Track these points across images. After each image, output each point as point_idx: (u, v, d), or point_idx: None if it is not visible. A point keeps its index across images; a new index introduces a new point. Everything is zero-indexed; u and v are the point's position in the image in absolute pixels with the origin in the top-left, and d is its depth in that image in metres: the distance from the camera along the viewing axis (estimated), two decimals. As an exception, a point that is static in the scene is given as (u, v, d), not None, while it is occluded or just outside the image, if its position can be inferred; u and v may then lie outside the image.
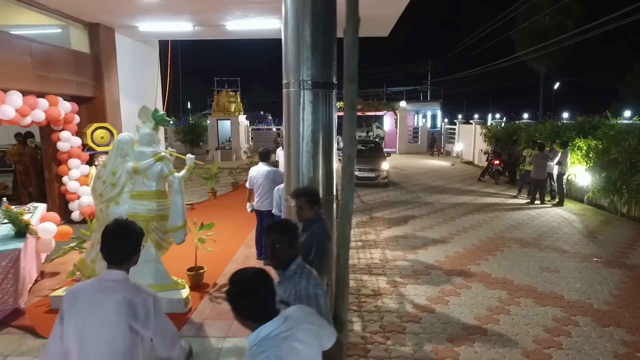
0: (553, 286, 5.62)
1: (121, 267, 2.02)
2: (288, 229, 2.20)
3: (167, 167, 4.38)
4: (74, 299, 1.96)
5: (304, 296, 2.08)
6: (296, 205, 3.05)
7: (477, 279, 5.87)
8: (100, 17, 8.37)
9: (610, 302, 5.15)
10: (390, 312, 4.85)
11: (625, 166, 8.98)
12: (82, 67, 8.29)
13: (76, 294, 1.98)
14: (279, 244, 2.14)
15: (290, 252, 2.17)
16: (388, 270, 6.18)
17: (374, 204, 10.98)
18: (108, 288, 1.96)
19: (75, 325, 1.93)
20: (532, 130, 13.51)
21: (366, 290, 5.50)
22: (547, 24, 29.83)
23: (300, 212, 3.02)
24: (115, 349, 1.91)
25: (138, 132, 4.38)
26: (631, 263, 6.55)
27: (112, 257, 2.02)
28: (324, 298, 2.12)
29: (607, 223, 9.08)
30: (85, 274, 4.45)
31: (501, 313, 4.83)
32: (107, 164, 4.37)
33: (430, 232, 8.27)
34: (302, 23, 3.53)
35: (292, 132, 3.67)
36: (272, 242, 2.16)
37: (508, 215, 9.65)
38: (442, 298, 5.22)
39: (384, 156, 14.35)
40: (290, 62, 3.59)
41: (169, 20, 8.69)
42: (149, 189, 4.34)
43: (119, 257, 2.03)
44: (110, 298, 1.93)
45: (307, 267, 2.21)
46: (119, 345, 1.91)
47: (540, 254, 6.96)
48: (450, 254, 6.91)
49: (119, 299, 1.93)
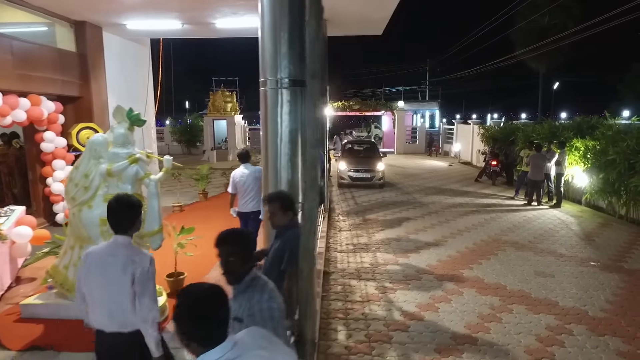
0: (547, 292, 5.43)
1: (126, 233, 2.50)
2: (242, 240, 2.01)
3: (142, 169, 4.19)
4: (90, 260, 2.48)
5: (257, 311, 1.89)
6: (269, 211, 2.86)
7: (470, 284, 5.68)
8: (86, 14, 8.18)
9: (606, 309, 4.96)
10: (378, 320, 4.66)
11: (623, 167, 8.79)
12: (67, 66, 8.10)
13: (91, 255, 2.50)
14: (232, 257, 1.96)
15: (246, 265, 1.98)
16: (378, 275, 6.00)
17: (368, 206, 10.79)
18: (116, 250, 2.47)
19: (90, 279, 2.45)
20: (529, 131, 13.32)
21: (354, 296, 5.31)
22: (546, 24, 29.65)
23: (272, 219, 2.83)
24: (120, 299, 2.40)
25: (112, 133, 4.18)
26: (629, 267, 6.36)
27: (117, 226, 2.49)
28: (279, 312, 1.93)
29: (605, 225, 8.89)
30: (57, 281, 4.27)
31: (493, 321, 4.64)
32: (79, 166, 4.19)
33: (424, 234, 8.09)
34: (279, 18, 3.35)
35: (269, 133, 3.47)
36: (225, 255, 1.96)
37: (504, 217, 9.46)
38: (432, 305, 5.03)
39: (380, 156, 14.15)
40: (267, 60, 3.39)
41: (157, 18, 8.50)
42: (123, 192, 4.14)
43: (123, 226, 2.49)
44: (117, 258, 2.43)
45: (262, 280, 2.02)
46: (123, 296, 2.39)
47: (535, 257, 6.77)
48: (443, 258, 6.73)
49: (124, 259, 2.43)
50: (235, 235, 2.01)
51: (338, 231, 8.39)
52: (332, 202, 11.07)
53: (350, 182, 13.23)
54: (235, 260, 1.95)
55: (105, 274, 2.41)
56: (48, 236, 5.27)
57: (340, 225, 8.88)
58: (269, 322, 1.84)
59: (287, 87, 3.41)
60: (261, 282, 2.00)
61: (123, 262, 2.41)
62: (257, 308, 1.89)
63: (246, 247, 1.99)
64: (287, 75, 3.40)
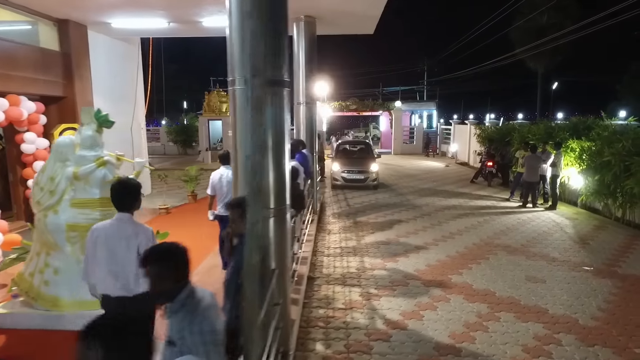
0: (538, 299, 5.24)
1: (128, 211, 2.89)
2: (171, 257, 1.82)
3: (111, 172, 4.01)
4: (97, 234, 2.82)
5: (188, 335, 1.71)
6: (230, 218, 2.68)
7: (458, 290, 5.50)
8: (70, 13, 8.01)
9: (597, 317, 4.78)
10: (359, 329, 4.48)
11: (618, 169, 8.61)
12: (50, 66, 7.93)
13: (96, 231, 2.84)
14: (161, 276, 1.77)
15: (177, 283, 1.80)
16: (364, 281, 5.82)
17: (360, 208, 10.61)
18: (120, 225, 2.83)
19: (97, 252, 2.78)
20: (525, 131, 13.14)
21: (337, 303, 5.13)
22: (544, 23, 29.48)
23: (232, 225, 2.65)
24: (124, 263, 2.74)
25: (80, 135, 4.00)
26: (623, 272, 6.17)
27: (120, 205, 2.88)
28: (212, 336, 1.75)
29: (601, 228, 8.71)
30: (23, 289, 4.09)
31: (478, 330, 4.46)
32: (45, 169, 4.01)
33: (414, 238, 7.90)
34: (246, 14, 3.17)
35: (239, 135, 3.30)
36: (153, 274, 1.78)
37: (498, 220, 9.28)
38: (416, 312, 4.85)
39: (374, 157, 13.98)
40: (235, 58, 3.22)
41: (142, 17, 8.33)
42: (91, 197, 3.98)
43: (125, 205, 2.88)
44: (122, 233, 2.79)
45: (197, 297, 1.83)
46: (127, 262, 2.72)
47: (527, 262, 6.59)
48: (433, 263, 6.55)
49: (129, 233, 2.80)
50: (162, 252, 1.83)
51: (327, 234, 8.21)
52: (323, 204, 10.89)
53: (343, 183, 13.05)
54: (163, 279, 1.77)
55: (110, 246, 2.77)
56: (18, 241, 5.09)
57: (330, 228, 8.70)
58: (200, 347, 1.66)
59: (256, 86, 3.24)
60: (196, 300, 1.82)
61: (127, 235, 2.79)
62: (188, 331, 1.71)
63: (176, 264, 1.81)
64: (256, 74, 3.23)
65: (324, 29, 8.71)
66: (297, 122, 8.69)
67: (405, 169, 18.87)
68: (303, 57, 8.27)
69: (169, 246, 1.87)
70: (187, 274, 1.85)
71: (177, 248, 1.86)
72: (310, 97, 8.55)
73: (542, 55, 30.18)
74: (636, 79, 30.25)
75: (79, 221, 3.93)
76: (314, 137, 8.81)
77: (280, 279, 3.50)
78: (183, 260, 1.84)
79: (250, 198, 3.31)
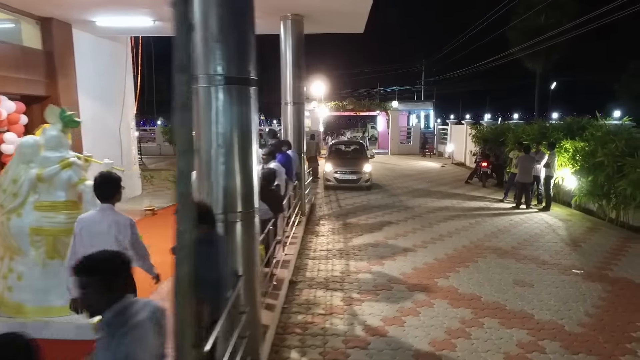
0: (524, 304, 5.10)
1: (110, 201, 3.15)
2: (101, 265, 1.68)
3: (77, 174, 3.87)
4: (82, 225, 3.11)
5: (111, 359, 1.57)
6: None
7: (442, 294, 5.35)
8: (53, 11, 7.85)
9: (584, 323, 4.63)
10: (337, 336, 4.33)
11: (611, 170, 8.46)
12: (32, 65, 7.77)
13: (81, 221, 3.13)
14: (89, 288, 1.64)
15: (109, 294, 1.66)
16: (347, 285, 5.67)
17: (351, 209, 10.46)
18: (102, 215, 3.11)
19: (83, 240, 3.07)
20: (519, 131, 12.99)
21: (317, 308, 4.99)
22: (542, 23, 29.33)
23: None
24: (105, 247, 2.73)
25: (44, 135, 3.86)
26: (613, 276, 6.03)
27: (102, 196, 3.15)
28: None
29: (594, 230, 8.56)
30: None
31: (460, 337, 4.32)
32: (8, 171, 3.87)
33: (403, 240, 7.76)
34: (209, 8, 3.03)
35: (202, 135, 3.16)
36: (80, 286, 1.65)
37: (490, 221, 9.13)
38: (398, 318, 4.70)
39: (367, 158, 13.83)
40: (199, 54, 3.08)
41: (127, 15, 8.18)
42: (56, 200, 3.83)
43: (107, 196, 3.14)
44: (103, 221, 3.08)
45: (132, 311, 1.69)
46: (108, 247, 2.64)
47: (516, 265, 6.44)
48: (419, 266, 6.40)
49: (110, 220, 3.09)
50: (93, 261, 1.68)
51: (315, 236, 8.06)
52: (314, 206, 10.74)
53: (336, 184, 12.90)
54: (92, 290, 1.63)
55: (93, 233, 3.05)
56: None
57: (318, 229, 8.56)
58: None
59: (221, 84, 3.10)
60: (129, 313, 1.67)
61: (108, 223, 3.07)
62: (111, 356, 1.57)
63: (107, 273, 1.67)
64: (221, 71, 3.09)
65: (312, 27, 8.56)
66: (285, 122, 8.54)
67: (400, 169, 18.72)
68: (290, 56, 8.13)
69: (100, 255, 1.73)
70: (118, 285, 1.71)
71: (110, 256, 1.73)
72: (298, 97, 8.40)
73: (539, 55, 30.04)
74: (635, 77, 30.08)
75: (43, 225, 3.79)
76: (302, 137, 8.66)
77: (249, 285, 3.36)
78: (114, 268, 1.70)
79: (215, 202, 3.18)
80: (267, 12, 7.63)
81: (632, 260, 6.71)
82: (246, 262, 3.30)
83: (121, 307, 1.67)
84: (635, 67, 30.00)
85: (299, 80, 8.34)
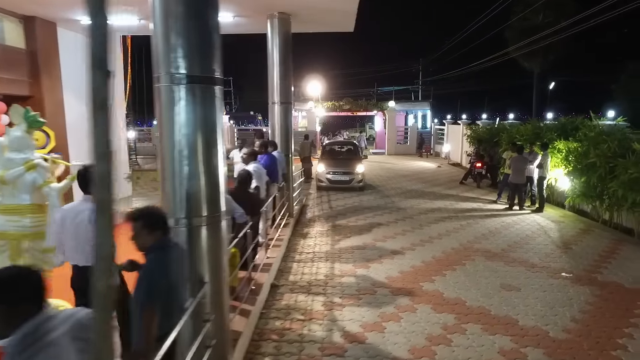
0: (509, 309, 4.97)
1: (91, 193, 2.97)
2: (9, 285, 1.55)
3: (42, 176, 3.74)
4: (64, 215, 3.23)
5: None
6: (132, 230, 2.41)
7: (426, 299, 5.22)
8: (36, 9, 7.72)
9: (569, 329, 4.50)
10: (314, 343, 4.21)
11: (604, 170, 8.33)
12: (14, 64, 7.64)
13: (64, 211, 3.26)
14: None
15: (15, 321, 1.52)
16: (330, 289, 5.54)
17: (342, 210, 10.33)
18: (84, 205, 3.21)
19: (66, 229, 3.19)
20: (513, 131, 12.86)
21: (296, 313, 4.86)
22: (540, 23, 29.21)
23: (135, 239, 2.38)
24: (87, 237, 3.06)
25: (8, 136, 3.73)
26: (602, 279, 5.90)
27: (85, 188, 3.26)
28: None
29: (586, 232, 8.43)
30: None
31: (441, 344, 4.19)
32: (-30, 173, 3.74)
33: (392, 242, 7.63)
34: (170, 4, 2.91)
35: (165, 136, 3.04)
36: None
37: (481, 223, 9.01)
38: (378, 324, 4.58)
39: (360, 158, 13.71)
40: (160, 52, 2.96)
41: (112, 14, 8.03)
42: (20, 203, 3.71)
43: (89, 187, 3.15)
44: (84, 210, 3.16)
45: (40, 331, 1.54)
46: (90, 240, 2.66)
47: (505, 268, 6.31)
48: (406, 269, 6.27)
49: (90, 211, 3.04)
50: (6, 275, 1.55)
51: (302, 238, 7.93)
52: (305, 207, 10.62)
53: (328, 184, 12.77)
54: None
55: (76, 223, 3.15)
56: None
57: (306, 231, 8.43)
58: None
59: (183, 83, 2.98)
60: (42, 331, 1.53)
61: (89, 213, 3.10)
62: None
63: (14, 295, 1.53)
64: (184, 70, 2.96)
65: (299, 26, 8.43)
66: (272, 122, 8.41)
67: (396, 169, 18.59)
68: (277, 56, 8.00)
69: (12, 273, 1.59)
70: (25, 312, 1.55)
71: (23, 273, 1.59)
72: (286, 97, 8.28)
73: (537, 56, 29.92)
74: (633, 78, 29.92)
75: (7, 229, 3.67)
76: (290, 137, 8.53)
77: (216, 292, 3.24)
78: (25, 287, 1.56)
79: (179, 206, 3.06)
80: (253, 11, 7.50)
81: (623, 263, 6.58)
82: (213, 268, 3.18)
83: (32, 327, 1.53)
84: (634, 68, 29.84)
85: (286, 80, 8.21)
